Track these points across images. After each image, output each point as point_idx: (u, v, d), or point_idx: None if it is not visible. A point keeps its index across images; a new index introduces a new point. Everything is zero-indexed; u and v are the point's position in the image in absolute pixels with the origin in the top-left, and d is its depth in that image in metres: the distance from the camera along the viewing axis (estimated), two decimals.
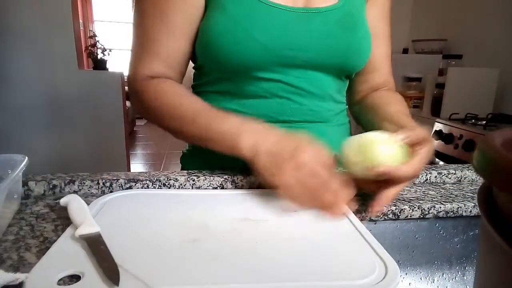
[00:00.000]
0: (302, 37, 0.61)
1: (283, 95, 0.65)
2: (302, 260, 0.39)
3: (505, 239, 0.18)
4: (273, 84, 0.64)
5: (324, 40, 0.63)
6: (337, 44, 0.63)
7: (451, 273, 0.61)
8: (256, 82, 0.64)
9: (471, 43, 2.34)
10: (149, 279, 0.34)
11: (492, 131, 0.22)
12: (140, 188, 0.60)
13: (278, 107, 0.66)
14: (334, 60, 0.64)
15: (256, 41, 0.59)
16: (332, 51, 0.63)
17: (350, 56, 0.65)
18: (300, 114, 0.67)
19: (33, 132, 2.51)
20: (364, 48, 0.67)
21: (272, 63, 0.62)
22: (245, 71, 0.63)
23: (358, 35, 0.65)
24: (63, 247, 0.40)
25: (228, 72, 0.65)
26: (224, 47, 0.60)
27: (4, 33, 2.35)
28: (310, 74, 0.65)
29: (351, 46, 0.64)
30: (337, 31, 0.63)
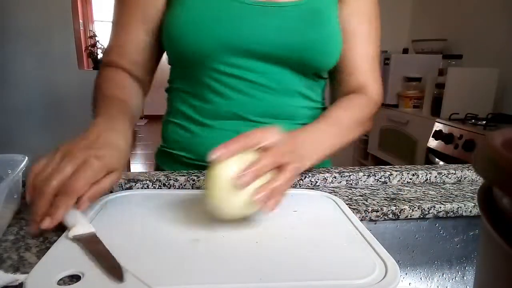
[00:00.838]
0: (259, 31, 0.61)
1: (242, 89, 0.65)
2: (302, 260, 0.39)
3: (505, 239, 0.18)
4: (233, 79, 0.64)
5: (282, 35, 0.62)
6: (297, 40, 0.62)
7: (451, 273, 0.61)
8: (217, 76, 0.64)
9: (471, 43, 2.34)
10: (149, 279, 0.34)
11: (492, 131, 0.22)
12: (140, 188, 0.60)
13: (240, 104, 0.65)
14: (293, 55, 0.63)
15: (210, 32, 0.60)
16: (291, 46, 0.62)
17: (312, 53, 0.63)
18: (262, 111, 0.66)
19: (33, 132, 2.52)
20: (330, 46, 0.65)
21: (227, 55, 0.62)
22: (202, 62, 0.63)
23: (322, 32, 0.64)
24: (63, 247, 0.40)
25: (188, 64, 0.66)
26: (180, 37, 0.62)
27: (4, 33, 2.35)
28: (270, 68, 0.64)
29: (314, 42, 0.63)
30: (298, 26, 0.62)
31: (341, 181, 0.66)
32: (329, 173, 0.66)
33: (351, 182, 0.67)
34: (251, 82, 0.65)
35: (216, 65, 0.63)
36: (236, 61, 0.63)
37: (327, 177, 0.66)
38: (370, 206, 0.56)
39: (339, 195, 0.61)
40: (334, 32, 0.66)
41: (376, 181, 0.68)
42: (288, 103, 0.67)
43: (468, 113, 1.97)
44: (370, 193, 0.63)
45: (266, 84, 0.65)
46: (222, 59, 0.63)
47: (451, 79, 2.02)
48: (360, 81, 0.69)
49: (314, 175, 0.65)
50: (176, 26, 0.62)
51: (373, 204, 0.57)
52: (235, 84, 0.65)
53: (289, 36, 0.62)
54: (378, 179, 0.68)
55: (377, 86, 0.71)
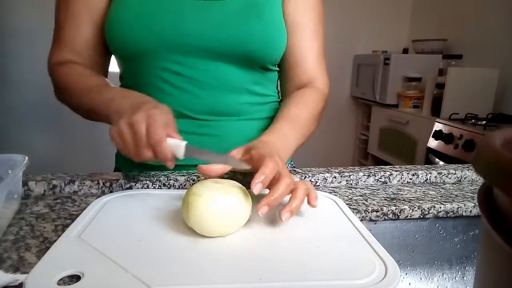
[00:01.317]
0: (197, 25, 0.61)
1: (185, 87, 0.65)
2: (302, 260, 0.39)
3: (505, 239, 0.18)
4: (175, 76, 0.64)
5: (220, 29, 0.62)
6: (235, 33, 0.62)
7: (451, 273, 0.61)
8: (158, 73, 0.64)
9: (471, 43, 2.34)
10: (149, 279, 0.34)
11: (492, 131, 0.22)
12: (140, 188, 0.60)
13: (180, 101, 0.65)
14: (233, 49, 0.63)
15: (147, 27, 0.60)
16: (230, 40, 0.62)
17: (252, 46, 0.63)
18: (206, 109, 0.66)
19: (33, 132, 2.52)
20: (270, 38, 0.65)
21: (167, 51, 0.62)
22: (143, 59, 0.63)
23: (260, 24, 0.64)
24: (63, 247, 0.40)
25: (130, 61, 0.66)
26: (118, 34, 0.62)
27: (4, 33, 2.35)
28: (213, 65, 0.64)
29: (253, 35, 0.63)
30: (236, 20, 0.62)
31: (341, 181, 0.66)
32: (329, 173, 0.66)
33: (351, 182, 0.67)
34: (193, 80, 0.64)
35: (157, 62, 0.63)
36: (176, 58, 0.63)
37: (327, 177, 0.66)
38: (370, 206, 0.56)
39: (339, 195, 0.61)
40: (274, 25, 0.66)
41: (376, 181, 0.68)
42: (233, 100, 0.67)
43: (468, 113, 1.97)
44: (370, 193, 0.63)
45: (208, 82, 0.65)
46: (162, 55, 0.63)
47: (451, 79, 2.01)
48: (309, 74, 0.71)
49: (314, 175, 0.65)
50: (115, 23, 0.62)
51: (373, 204, 0.57)
52: (177, 81, 0.64)
53: (228, 30, 0.62)
54: (378, 179, 0.68)
55: (325, 79, 0.72)
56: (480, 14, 2.28)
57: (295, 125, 0.63)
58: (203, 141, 0.67)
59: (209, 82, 0.65)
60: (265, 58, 0.67)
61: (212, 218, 0.41)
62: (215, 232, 0.43)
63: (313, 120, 0.67)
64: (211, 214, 0.41)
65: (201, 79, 0.64)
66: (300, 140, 0.63)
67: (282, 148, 0.56)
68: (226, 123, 0.68)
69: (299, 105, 0.67)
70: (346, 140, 3.09)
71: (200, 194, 0.43)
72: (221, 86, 0.66)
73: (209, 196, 0.42)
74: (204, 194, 0.42)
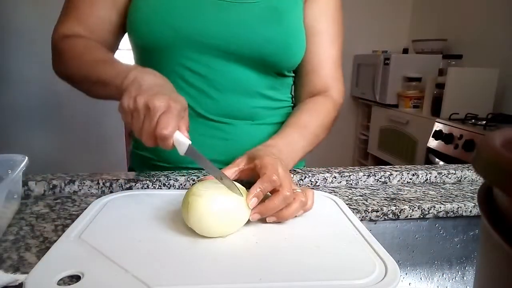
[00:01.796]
0: (215, 25, 0.61)
1: (200, 86, 0.64)
2: (302, 260, 0.39)
3: (505, 239, 0.18)
4: (189, 73, 0.63)
5: (239, 31, 0.61)
6: (254, 36, 0.62)
7: (451, 273, 0.61)
8: (173, 68, 0.63)
9: (471, 43, 2.34)
10: (149, 279, 0.34)
11: (492, 131, 0.22)
12: (140, 188, 0.60)
13: (195, 100, 0.65)
14: (250, 52, 0.63)
15: (165, 22, 0.60)
16: (248, 43, 0.62)
17: (269, 50, 0.63)
18: (216, 109, 0.65)
19: (33, 132, 2.51)
20: (288, 44, 0.65)
21: (184, 48, 0.62)
22: (157, 52, 0.63)
23: (281, 30, 0.63)
24: (63, 247, 0.40)
25: (145, 53, 0.65)
26: (137, 26, 0.61)
27: (4, 33, 2.35)
28: (229, 67, 0.63)
29: (271, 40, 0.62)
30: (256, 23, 0.62)
31: (341, 181, 0.66)
32: (329, 173, 0.66)
33: (351, 182, 0.67)
34: (208, 79, 0.64)
35: (174, 57, 0.63)
36: (193, 56, 0.62)
37: (327, 177, 0.66)
38: (370, 206, 0.56)
39: (339, 195, 0.61)
40: (293, 31, 0.65)
41: (376, 181, 0.68)
42: (247, 103, 0.67)
43: (468, 113, 1.97)
44: (370, 193, 0.63)
45: (223, 83, 0.64)
46: (179, 52, 0.62)
47: (451, 79, 2.01)
48: (324, 82, 0.70)
49: (314, 175, 0.65)
50: (136, 13, 0.61)
51: (373, 204, 0.57)
52: (192, 79, 0.64)
53: (246, 32, 0.62)
54: (378, 179, 0.68)
55: (340, 87, 0.72)
56: (480, 14, 2.28)
57: (303, 132, 0.62)
58: (215, 144, 0.66)
59: (224, 84, 0.64)
60: (282, 64, 0.66)
61: (212, 218, 0.41)
62: (215, 233, 0.43)
63: (323, 128, 0.66)
64: (210, 214, 0.41)
65: (217, 79, 0.64)
66: (307, 148, 0.63)
67: (287, 153, 0.56)
68: (239, 126, 0.67)
69: (311, 112, 0.66)
70: (346, 140, 3.09)
71: (200, 194, 0.42)
72: (235, 89, 0.65)
73: (209, 196, 0.42)
74: (204, 195, 0.42)
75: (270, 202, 0.45)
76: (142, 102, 0.45)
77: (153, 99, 0.45)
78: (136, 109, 0.46)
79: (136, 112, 0.46)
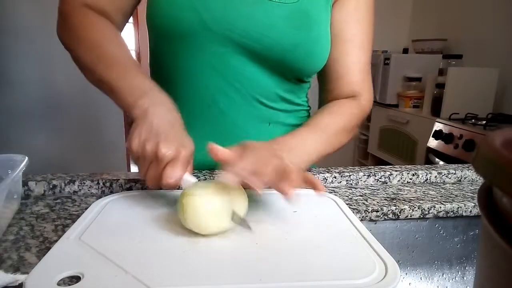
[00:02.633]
0: (243, 22, 0.58)
1: (216, 83, 0.62)
2: (302, 260, 0.39)
3: (505, 239, 0.18)
4: (208, 68, 0.61)
5: (266, 31, 0.59)
6: (280, 39, 0.59)
7: (451, 273, 0.61)
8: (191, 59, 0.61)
9: (471, 43, 2.34)
10: (149, 280, 0.34)
11: (492, 131, 0.22)
12: (140, 188, 0.59)
13: (210, 94, 0.63)
14: (274, 56, 0.60)
15: (194, 9, 0.57)
16: (274, 45, 0.59)
17: (294, 56, 0.61)
18: (232, 109, 0.63)
19: (33, 132, 2.51)
20: (314, 51, 0.62)
21: (206, 39, 0.59)
22: (178, 39, 0.60)
23: (309, 35, 0.61)
24: (63, 248, 0.40)
25: (164, 39, 0.62)
26: (162, 8, 0.58)
27: (4, 33, 2.35)
28: (250, 68, 0.61)
29: (298, 45, 0.60)
30: (284, 26, 0.59)
31: (341, 181, 0.66)
32: (329, 173, 0.66)
33: (351, 182, 0.67)
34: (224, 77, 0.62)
35: (193, 48, 0.60)
36: (215, 49, 0.60)
37: (327, 177, 0.66)
38: (370, 206, 0.56)
39: (339, 195, 0.61)
40: (321, 37, 0.63)
41: (376, 181, 0.68)
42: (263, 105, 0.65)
43: (468, 113, 1.97)
44: (370, 193, 0.63)
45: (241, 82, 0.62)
46: (201, 42, 0.59)
47: (451, 79, 2.02)
48: (352, 88, 0.67)
49: (314, 175, 0.65)
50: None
51: (373, 204, 0.57)
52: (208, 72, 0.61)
53: (273, 33, 0.59)
54: (378, 179, 0.68)
55: (368, 95, 0.69)
56: (480, 14, 2.28)
57: (320, 134, 0.59)
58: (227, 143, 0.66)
59: (241, 83, 0.62)
60: (304, 71, 0.64)
61: (208, 214, 0.42)
62: (213, 229, 0.43)
63: (344, 131, 0.63)
64: (206, 210, 0.42)
65: (235, 78, 0.62)
66: (323, 151, 0.59)
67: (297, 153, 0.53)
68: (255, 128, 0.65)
69: (333, 114, 0.63)
70: None
71: (193, 193, 0.43)
72: (253, 91, 0.63)
73: (203, 194, 0.43)
74: (198, 193, 0.43)
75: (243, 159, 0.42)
76: (150, 149, 0.45)
77: (161, 147, 0.44)
78: (144, 156, 0.46)
79: (143, 158, 0.46)
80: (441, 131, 1.96)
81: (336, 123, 0.62)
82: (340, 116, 0.63)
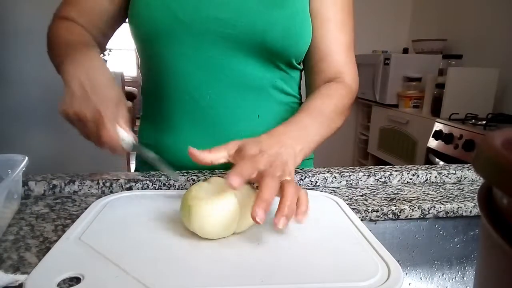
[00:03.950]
0: (215, 10, 0.59)
1: (201, 78, 0.62)
2: (303, 262, 0.39)
3: (505, 239, 0.18)
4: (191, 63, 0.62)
5: (239, 15, 0.59)
6: (254, 21, 0.59)
7: (451, 273, 0.61)
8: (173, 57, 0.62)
9: (471, 43, 2.34)
10: (149, 280, 0.34)
11: (492, 131, 0.22)
12: (140, 188, 0.59)
13: (198, 88, 0.63)
14: (251, 38, 0.60)
15: (167, 7, 0.59)
16: (248, 28, 0.59)
17: (273, 36, 0.60)
18: (219, 102, 0.63)
19: (33, 132, 2.51)
20: (292, 29, 0.61)
21: (184, 34, 0.60)
22: (157, 39, 0.61)
23: (284, 13, 0.61)
24: (63, 249, 0.40)
25: (145, 42, 0.64)
26: (138, 10, 0.61)
27: (4, 33, 2.35)
28: (232, 57, 0.61)
29: (273, 24, 0.60)
30: (258, 7, 0.60)
31: (341, 181, 0.66)
32: (329, 173, 0.66)
33: (351, 182, 0.67)
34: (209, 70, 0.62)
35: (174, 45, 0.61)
36: (193, 43, 0.60)
37: (327, 177, 0.66)
38: (370, 206, 0.56)
39: (339, 195, 0.61)
40: (297, 15, 0.62)
41: (376, 181, 0.68)
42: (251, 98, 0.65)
43: (468, 113, 1.97)
44: (370, 193, 0.63)
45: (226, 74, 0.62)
46: (179, 38, 0.60)
47: (451, 79, 2.02)
48: (337, 69, 0.66)
49: (314, 175, 0.65)
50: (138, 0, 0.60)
51: (373, 204, 0.57)
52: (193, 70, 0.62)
53: (247, 17, 0.59)
54: (378, 179, 0.68)
55: (353, 74, 0.68)
56: (480, 14, 2.28)
57: (317, 116, 0.58)
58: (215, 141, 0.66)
59: (226, 75, 0.62)
60: (288, 52, 0.63)
61: (216, 221, 0.40)
62: (219, 235, 0.42)
63: (337, 112, 0.62)
64: (214, 217, 0.40)
65: (218, 70, 0.62)
66: (324, 132, 0.58)
67: (301, 139, 0.52)
68: (243, 122, 0.65)
69: (322, 97, 0.63)
70: (346, 140, 3.09)
71: (200, 197, 0.41)
72: (239, 82, 0.63)
73: (210, 199, 0.41)
74: (204, 197, 0.41)
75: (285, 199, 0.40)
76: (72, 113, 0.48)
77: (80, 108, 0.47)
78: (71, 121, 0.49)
79: (76, 122, 0.48)
80: (441, 131, 1.96)
81: (329, 105, 0.61)
82: (332, 99, 0.63)
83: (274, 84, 0.66)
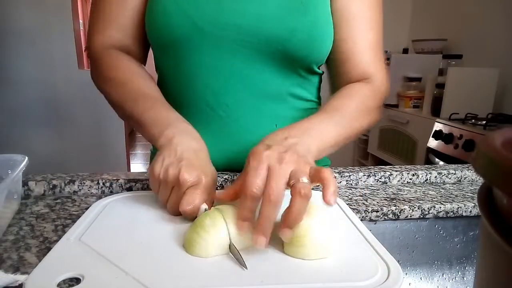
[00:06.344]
0: (235, 17, 0.57)
1: (220, 87, 0.61)
2: (304, 262, 0.39)
3: (505, 239, 0.18)
4: (209, 71, 0.60)
5: (260, 23, 0.57)
6: (276, 28, 0.57)
7: (451, 273, 0.61)
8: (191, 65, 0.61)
9: (471, 43, 2.34)
10: (149, 280, 0.34)
11: (492, 131, 0.22)
12: (140, 188, 0.59)
13: (215, 97, 0.61)
14: (272, 46, 0.58)
15: (185, 14, 0.57)
16: (270, 36, 0.57)
17: (294, 44, 0.58)
18: (236, 110, 0.62)
19: (33, 132, 2.51)
20: (314, 36, 0.59)
21: (203, 42, 0.58)
22: (175, 48, 0.60)
23: (306, 20, 0.58)
24: (63, 249, 0.40)
25: (163, 50, 0.63)
26: (155, 18, 0.59)
27: (5, 33, 2.35)
28: (252, 66, 0.60)
29: (295, 32, 0.57)
30: (279, 14, 0.57)
31: (341, 181, 0.66)
32: None
33: (351, 182, 0.67)
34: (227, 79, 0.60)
35: (192, 53, 0.59)
36: (212, 51, 0.59)
37: None
38: (370, 206, 0.56)
39: (339, 195, 0.61)
40: (319, 20, 0.60)
41: (376, 181, 0.68)
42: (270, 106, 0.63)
43: (468, 113, 1.97)
44: (370, 193, 0.63)
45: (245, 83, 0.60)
46: (198, 46, 0.59)
47: (451, 79, 2.02)
48: (362, 70, 0.62)
49: None
50: (153, 5, 0.59)
51: (373, 204, 0.57)
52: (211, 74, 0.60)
53: (267, 24, 0.57)
54: (378, 179, 0.68)
55: (381, 75, 0.64)
56: (480, 14, 2.28)
57: (333, 114, 0.55)
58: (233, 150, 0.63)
59: (245, 84, 0.60)
60: (308, 59, 0.61)
61: (207, 251, 0.39)
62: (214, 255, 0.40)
63: (362, 112, 0.58)
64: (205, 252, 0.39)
65: (237, 79, 0.60)
66: (344, 130, 0.54)
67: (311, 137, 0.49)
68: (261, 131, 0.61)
69: (344, 96, 0.59)
70: None
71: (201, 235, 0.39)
72: (259, 90, 0.61)
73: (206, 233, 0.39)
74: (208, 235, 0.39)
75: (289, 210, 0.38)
76: (172, 174, 0.45)
77: (184, 173, 0.44)
78: (166, 181, 0.45)
79: (164, 183, 0.46)
80: (441, 131, 1.96)
81: (351, 104, 0.58)
82: (355, 97, 0.59)
83: (292, 91, 0.64)
